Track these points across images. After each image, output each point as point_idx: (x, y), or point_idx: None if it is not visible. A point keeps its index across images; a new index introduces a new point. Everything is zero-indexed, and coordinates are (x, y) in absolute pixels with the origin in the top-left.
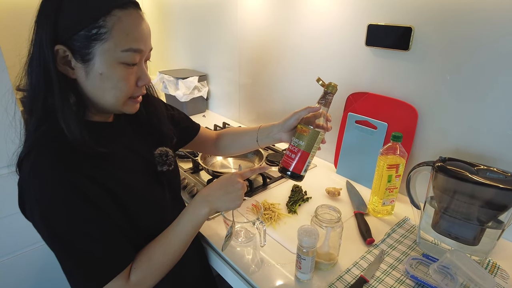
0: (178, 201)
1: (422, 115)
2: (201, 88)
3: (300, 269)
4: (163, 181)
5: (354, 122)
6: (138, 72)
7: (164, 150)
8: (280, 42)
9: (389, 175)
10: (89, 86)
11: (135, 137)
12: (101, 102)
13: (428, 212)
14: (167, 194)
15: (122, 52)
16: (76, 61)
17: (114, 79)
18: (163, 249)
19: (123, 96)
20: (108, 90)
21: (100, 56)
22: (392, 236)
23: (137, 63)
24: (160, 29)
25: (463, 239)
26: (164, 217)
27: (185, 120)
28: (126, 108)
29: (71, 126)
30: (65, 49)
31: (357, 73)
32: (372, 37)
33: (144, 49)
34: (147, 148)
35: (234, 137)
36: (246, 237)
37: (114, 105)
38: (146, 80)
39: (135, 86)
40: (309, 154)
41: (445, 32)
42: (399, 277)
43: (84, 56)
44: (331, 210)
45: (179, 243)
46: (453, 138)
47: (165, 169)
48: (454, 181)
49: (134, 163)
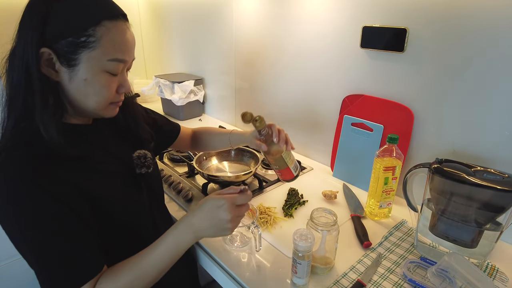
0: (158, 205)
1: (418, 117)
2: (197, 92)
3: (296, 274)
4: (141, 184)
5: (350, 125)
6: (120, 80)
7: (143, 152)
8: (275, 45)
9: (385, 178)
10: (72, 90)
11: (113, 140)
12: (82, 106)
13: (425, 215)
14: (146, 197)
15: (108, 61)
16: (60, 65)
17: (97, 86)
18: (133, 273)
19: (104, 101)
20: (91, 96)
21: (86, 63)
22: (390, 239)
23: (120, 72)
24: (156, 33)
25: (461, 242)
26: (141, 221)
27: (166, 123)
28: (105, 113)
29: (49, 128)
30: (51, 52)
31: (352, 75)
32: (367, 39)
33: (128, 60)
34: (125, 151)
35: (209, 138)
36: (241, 242)
37: (95, 110)
38: (127, 88)
39: (116, 93)
40: (288, 167)
41: (440, 33)
42: (397, 281)
43: (69, 61)
44: (327, 213)
45: (153, 271)
46: (450, 139)
47: (143, 171)
48: (451, 182)
49: (111, 165)
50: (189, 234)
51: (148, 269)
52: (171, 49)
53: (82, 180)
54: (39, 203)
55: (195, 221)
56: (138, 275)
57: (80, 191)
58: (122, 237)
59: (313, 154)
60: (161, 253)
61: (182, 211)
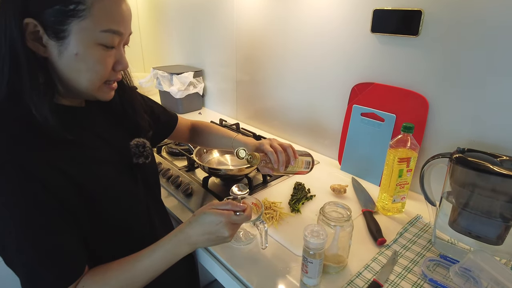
0: (154, 198)
1: (433, 105)
2: (196, 84)
3: (306, 274)
4: (137, 175)
5: (359, 115)
6: (116, 55)
7: (142, 141)
8: (279, 32)
9: (400, 170)
10: (62, 66)
11: (108, 126)
12: (74, 85)
13: (445, 209)
14: (141, 189)
15: (101, 32)
16: (48, 38)
17: (90, 61)
18: (124, 278)
19: (98, 79)
20: (83, 73)
21: (76, 35)
22: (405, 236)
23: (116, 46)
24: (154, 24)
25: (484, 238)
26: (136, 214)
27: (164, 113)
28: (100, 94)
29: (41, 108)
30: (36, 23)
31: (361, 63)
32: (378, 23)
33: (124, 32)
34: (121, 139)
35: (210, 137)
36: (245, 238)
37: (88, 89)
38: (124, 65)
39: (112, 70)
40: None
41: (458, 14)
42: (416, 281)
43: (58, 33)
44: (340, 207)
45: (144, 278)
46: (468, 129)
47: (141, 161)
48: (475, 173)
49: (105, 153)
50: (186, 246)
51: (139, 276)
52: (169, 41)
53: (73, 168)
54: (26, 192)
55: (192, 234)
56: (128, 281)
57: (70, 180)
58: (114, 233)
59: (319, 147)
60: (155, 260)
61: (181, 206)
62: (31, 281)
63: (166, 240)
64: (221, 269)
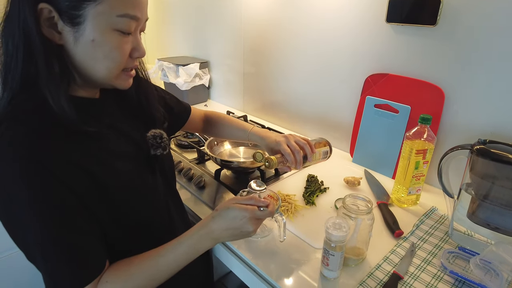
0: (170, 188)
1: (449, 96)
2: (202, 75)
3: (327, 266)
4: (155, 166)
5: (373, 106)
6: (133, 42)
7: (159, 132)
8: (289, 24)
9: (416, 162)
10: (78, 54)
11: (124, 118)
12: (91, 73)
13: (463, 201)
14: (160, 181)
15: (117, 17)
16: (63, 24)
17: (107, 47)
18: (148, 274)
19: (116, 67)
20: (100, 60)
21: (93, 20)
22: (421, 228)
23: (132, 32)
24: (158, 14)
25: (504, 230)
26: (155, 206)
27: (177, 104)
28: (118, 82)
29: (58, 98)
30: (51, 8)
31: (376, 53)
32: (394, 12)
33: (141, 17)
34: (137, 131)
35: (225, 128)
36: (262, 231)
37: (106, 78)
38: (141, 52)
39: (129, 57)
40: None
41: (478, 3)
42: (436, 273)
43: (73, 19)
44: (360, 199)
45: (167, 273)
46: (485, 120)
47: (159, 152)
48: (498, 165)
49: (123, 145)
50: (209, 241)
51: (162, 271)
52: (174, 31)
53: (91, 162)
54: (46, 189)
55: (216, 228)
56: (151, 276)
57: (88, 175)
58: (132, 226)
59: (330, 139)
60: (178, 255)
61: (194, 198)
62: (53, 277)
63: (189, 235)
64: (238, 261)
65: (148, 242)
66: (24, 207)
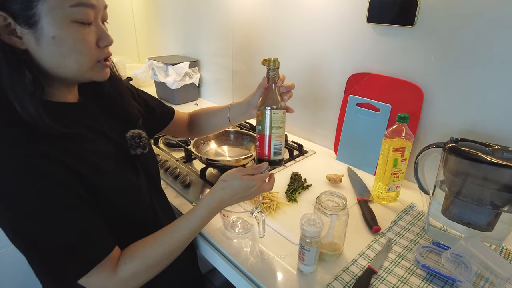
0: (155, 187)
1: (428, 95)
2: (192, 74)
3: (303, 261)
4: (137, 165)
5: (355, 105)
6: (97, 31)
7: (137, 132)
8: (275, 23)
9: (394, 159)
10: (44, 55)
11: (104, 119)
12: (63, 71)
13: (438, 198)
14: (143, 180)
15: (71, 7)
16: (21, 28)
17: (69, 41)
18: (163, 249)
19: (86, 59)
20: (67, 55)
21: (47, 16)
22: (399, 224)
23: (93, 21)
24: (148, 13)
25: (475, 225)
26: (139, 205)
27: (159, 105)
28: (94, 74)
29: (26, 104)
30: (5, 15)
31: (358, 53)
32: (374, 13)
33: (96, 4)
34: (117, 131)
35: (206, 118)
36: (243, 228)
37: (80, 71)
38: (108, 40)
39: (97, 47)
40: (271, 136)
41: (454, 5)
42: (409, 267)
43: (28, 20)
44: (335, 196)
45: (182, 247)
46: (462, 119)
47: (139, 152)
48: (468, 163)
49: (104, 146)
50: (219, 209)
51: (178, 245)
52: (164, 30)
53: (75, 161)
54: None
55: (226, 199)
56: (167, 251)
57: (76, 174)
58: (117, 224)
59: (315, 137)
60: (192, 229)
61: (180, 197)
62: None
63: (201, 209)
64: (220, 258)
65: (132, 238)
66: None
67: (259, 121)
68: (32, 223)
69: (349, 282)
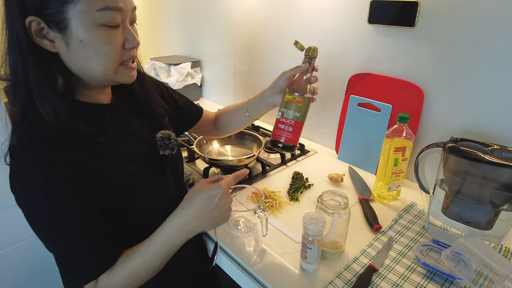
0: (181, 188)
1: (428, 95)
2: (194, 74)
3: (305, 259)
4: (165, 166)
5: (357, 105)
6: (124, 34)
7: (167, 133)
8: (277, 25)
9: (395, 159)
10: (73, 58)
11: (135, 119)
12: (90, 74)
13: (438, 196)
14: (170, 180)
15: (98, 11)
16: (53, 32)
17: (96, 44)
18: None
19: (111, 62)
20: (93, 58)
21: (76, 21)
22: (400, 222)
23: (120, 24)
24: (149, 13)
25: (475, 224)
26: (168, 204)
27: (188, 104)
28: (120, 77)
29: (45, 104)
30: (39, 20)
31: (359, 53)
32: (375, 14)
33: (123, 7)
34: (148, 131)
35: (228, 115)
36: (246, 227)
37: (105, 74)
38: (134, 42)
39: (122, 49)
40: (303, 124)
41: (453, 6)
42: (410, 265)
43: (59, 24)
44: (337, 195)
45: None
46: (461, 118)
47: (167, 153)
48: (467, 162)
49: (134, 147)
50: (182, 235)
51: (146, 269)
52: (166, 31)
53: (101, 165)
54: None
55: (189, 220)
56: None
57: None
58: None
59: (317, 136)
60: (155, 253)
61: None
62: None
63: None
64: (223, 256)
65: None
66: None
67: (297, 106)
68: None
69: (351, 280)
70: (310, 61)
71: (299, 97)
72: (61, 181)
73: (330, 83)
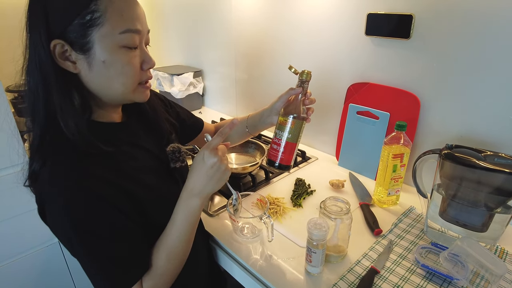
0: None
1: (424, 103)
2: (196, 84)
3: (310, 263)
4: (177, 178)
5: (355, 113)
6: (141, 55)
7: (177, 146)
8: (277, 35)
9: (394, 165)
10: (94, 78)
11: (146, 135)
12: (109, 93)
13: (435, 201)
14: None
15: (120, 34)
16: (76, 54)
17: (118, 65)
18: (165, 254)
19: (130, 82)
20: (115, 78)
21: (99, 43)
22: (399, 226)
23: (138, 45)
24: (151, 24)
25: (471, 226)
26: None
27: (190, 117)
28: (137, 96)
29: (69, 123)
30: (63, 43)
31: (357, 64)
32: (372, 26)
33: (141, 29)
34: (158, 146)
35: None
36: (252, 233)
37: (124, 94)
38: (151, 63)
39: (141, 70)
40: (297, 144)
41: (447, 18)
42: (410, 267)
43: (83, 46)
44: (339, 201)
45: (180, 244)
46: (456, 125)
47: (178, 165)
48: (462, 168)
49: (147, 161)
50: (195, 200)
51: (175, 244)
52: (168, 42)
53: (122, 179)
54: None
55: (192, 185)
56: (169, 254)
57: (123, 191)
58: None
59: (317, 143)
60: (180, 225)
61: None
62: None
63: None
64: (230, 261)
65: None
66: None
67: (289, 129)
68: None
69: (354, 282)
70: (303, 84)
71: (291, 119)
72: (96, 195)
73: (330, 92)
